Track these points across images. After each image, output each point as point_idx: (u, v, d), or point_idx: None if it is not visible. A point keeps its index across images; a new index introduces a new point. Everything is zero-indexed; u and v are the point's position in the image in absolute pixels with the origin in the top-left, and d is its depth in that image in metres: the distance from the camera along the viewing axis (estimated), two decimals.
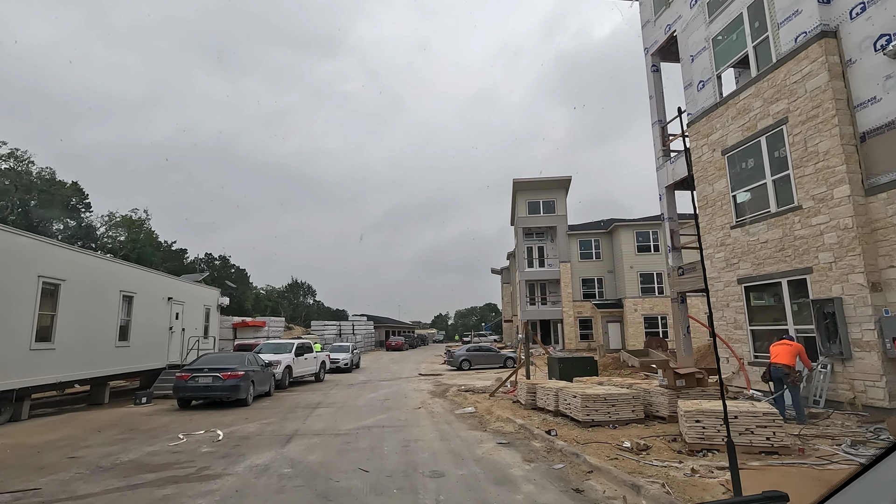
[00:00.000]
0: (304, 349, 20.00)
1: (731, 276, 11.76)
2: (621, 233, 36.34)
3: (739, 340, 11.45)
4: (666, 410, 8.43)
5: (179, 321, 17.25)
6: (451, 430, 9.21)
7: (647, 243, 36.20)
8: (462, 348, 27.84)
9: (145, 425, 10.05)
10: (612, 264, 38.28)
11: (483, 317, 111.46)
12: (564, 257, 38.36)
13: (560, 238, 38.74)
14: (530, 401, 10.79)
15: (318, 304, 64.33)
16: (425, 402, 13.74)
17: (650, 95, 15.62)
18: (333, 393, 16.30)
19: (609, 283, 38.25)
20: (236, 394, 12.30)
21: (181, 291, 17.45)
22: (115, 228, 34.36)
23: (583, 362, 13.13)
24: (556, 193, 39.55)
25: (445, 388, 17.19)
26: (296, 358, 18.94)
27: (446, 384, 19.18)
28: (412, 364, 32.07)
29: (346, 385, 19.31)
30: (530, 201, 39.81)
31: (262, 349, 19.50)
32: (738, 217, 11.64)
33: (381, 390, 17.00)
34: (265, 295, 54.37)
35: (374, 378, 22.36)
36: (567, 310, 37.74)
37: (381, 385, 19.05)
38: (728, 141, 11.87)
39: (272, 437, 8.56)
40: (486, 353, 27.56)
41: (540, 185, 39.17)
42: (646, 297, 35.37)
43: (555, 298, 39.97)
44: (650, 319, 35.19)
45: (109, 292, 13.07)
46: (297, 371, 19.01)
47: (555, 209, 39.39)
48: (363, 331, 48.78)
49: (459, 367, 26.58)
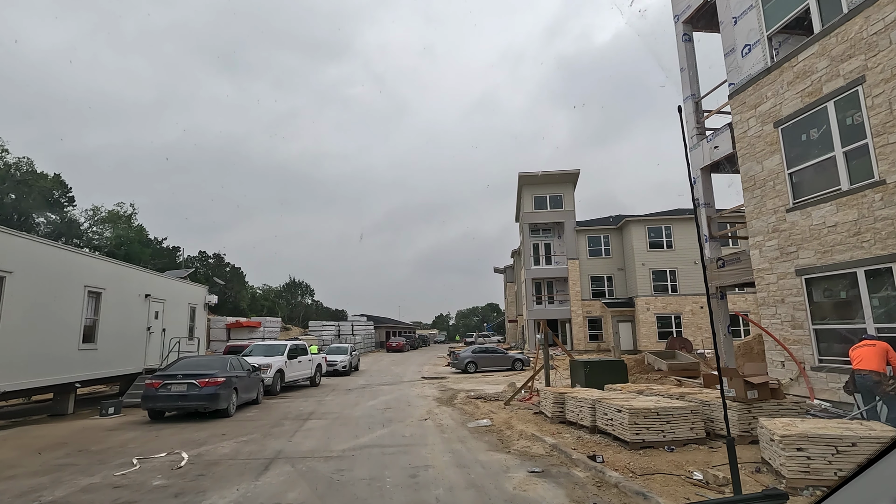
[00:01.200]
0: (298, 351, 18.39)
1: (788, 266, 10.14)
2: (632, 228, 34.72)
3: (799, 341, 9.83)
4: (735, 428, 6.80)
5: (159, 321, 15.64)
6: (467, 451, 7.59)
7: (659, 239, 34.58)
8: (467, 350, 26.23)
9: (99, 444, 8.43)
10: (622, 261, 36.68)
11: (485, 317, 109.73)
12: (572, 254, 36.75)
13: (568, 234, 37.13)
14: (558, 413, 9.17)
15: (317, 304, 62.71)
16: (432, 411, 12.12)
17: (681, 68, 14.00)
18: (329, 400, 14.68)
19: (619, 282, 36.65)
20: (215, 403, 10.68)
21: (161, 288, 15.84)
22: (101, 224, 32.69)
23: (611, 367, 11.51)
24: (564, 188, 37.95)
25: (452, 395, 15.59)
26: (288, 361, 17.34)
27: (453, 389, 17.57)
28: (414, 366, 30.46)
29: (343, 390, 17.70)
30: (536, 196, 38.20)
31: (253, 351, 17.90)
32: (796, 198, 10.03)
33: (382, 396, 15.40)
34: (262, 294, 52.73)
35: (374, 382, 20.75)
36: (576, 309, 36.13)
37: (381, 390, 17.44)
38: (783, 111, 10.25)
39: (247, 463, 6.94)
40: (493, 354, 25.94)
41: (547, 179, 37.56)
42: (659, 295, 33.76)
43: (562, 297, 38.35)
44: (663, 319, 33.57)
45: (70, 287, 11.46)
46: (291, 375, 17.41)
47: (562, 204, 37.78)
48: (363, 331, 47.16)
49: (465, 369, 24.97)
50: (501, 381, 20.40)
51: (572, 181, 37.99)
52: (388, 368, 28.72)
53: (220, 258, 43.94)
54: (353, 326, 45.90)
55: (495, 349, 26.59)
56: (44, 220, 29.37)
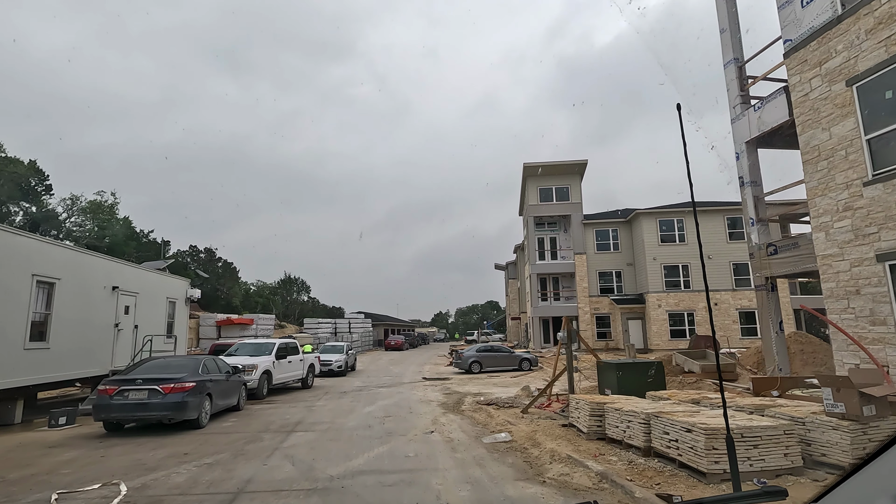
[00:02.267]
0: (288, 350, 16.72)
1: (865, 251, 8.50)
2: (643, 221, 33.11)
3: (881, 340, 8.20)
4: (847, 456, 5.15)
5: (130, 316, 13.94)
6: (490, 480, 5.93)
7: (671, 233, 32.99)
8: (471, 349, 24.59)
9: (24, 468, 6.74)
10: (631, 256, 35.09)
11: (485, 315, 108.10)
12: (579, 249, 35.12)
13: (575, 228, 35.49)
14: (595, 427, 7.52)
15: (314, 301, 60.91)
16: (437, 420, 10.47)
17: (721, 29, 12.34)
18: (320, 406, 13.01)
19: (629, 277, 35.05)
20: (182, 413, 9.00)
21: (133, 280, 14.13)
22: (81, 214, 30.80)
23: (647, 370, 9.86)
24: (571, 179, 36.29)
25: (459, 399, 13.95)
26: (277, 361, 15.67)
27: (458, 392, 15.92)
28: (414, 366, 28.81)
29: (337, 393, 16.04)
30: (542, 188, 36.53)
31: (238, 350, 16.24)
32: (876, 169, 8.38)
33: (380, 401, 13.74)
34: (256, 291, 50.92)
35: (372, 384, 19.09)
36: (583, 306, 34.51)
37: (379, 394, 15.79)
38: (858, 65, 8.60)
39: (200, 502, 5.27)
40: (499, 354, 24.30)
41: (553, 169, 35.89)
42: (671, 291, 32.19)
43: (569, 293, 36.74)
44: (676, 316, 32.01)
45: (13, 276, 9.75)
46: (279, 377, 15.74)
47: (569, 196, 36.14)
48: (360, 329, 45.48)
49: (469, 369, 23.33)
50: (510, 382, 18.76)
51: (579, 172, 36.34)
52: (387, 368, 27.08)
53: (212, 252, 42.12)
54: (350, 324, 44.22)
55: (501, 348, 24.96)
56: (17, 210, 27.52)
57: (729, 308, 31.53)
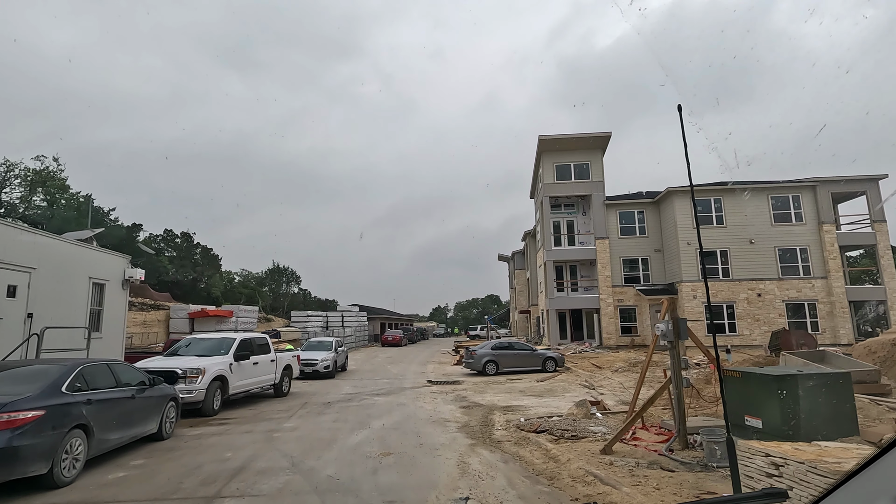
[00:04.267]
0: (254, 348, 12.70)
1: None
2: (675, 201, 29.15)
3: None
4: None
5: (19, 300, 9.83)
6: None
7: (707, 214, 29.06)
8: (485, 346, 20.59)
9: None
10: (659, 241, 31.13)
11: (485, 309, 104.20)
12: (601, 233, 31.14)
13: (596, 209, 31.48)
14: None
15: (305, 293, 56.64)
16: (466, 463, 6.48)
17: None
18: (288, 430, 8.99)
19: (657, 265, 31.12)
20: (8, 467, 4.93)
21: (23, 248, 10.00)
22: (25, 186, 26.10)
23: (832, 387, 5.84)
24: (592, 154, 32.23)
25: (485, 417, 9.97)
26: (237, 363, 11.64)
27: (479, 404, 11.94)
28: (415, 365, 24.82)
29: (318, 406, 12.02)
30: (559, 164, 32.45)
31: (187, 348, 12.19)
32: None
33: (375, 421, 9.73)
34: (241, 281, 46.65)
35: (365, 390, 15.08)
36: (605, 297, 30.59)
37: (374, 406, 11.78)
38: None
39: None
40: (519, 352, 20.34)
41: (572, 143, 31.81)
42: (707, 279, 28.22)
43: (588, 283, 32.80)
44: (713, 308, 28.09)
45: None
46: (239, 383, 11.72)
47: (589, 174, 32.10)
48: (354, 323, 41.45)
49: (483, 370, 19.38)
50: (541, 389, 14.78)
51: (601, 147, 32.27)
52: (384, 368, 23.08)
53: (190, 237, 37.70)
54: (343, 317, 40.16)
55: (522, 345, 20.97)
56: None
57: (774, 300, 27.68)
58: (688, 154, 3.77)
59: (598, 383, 15.74)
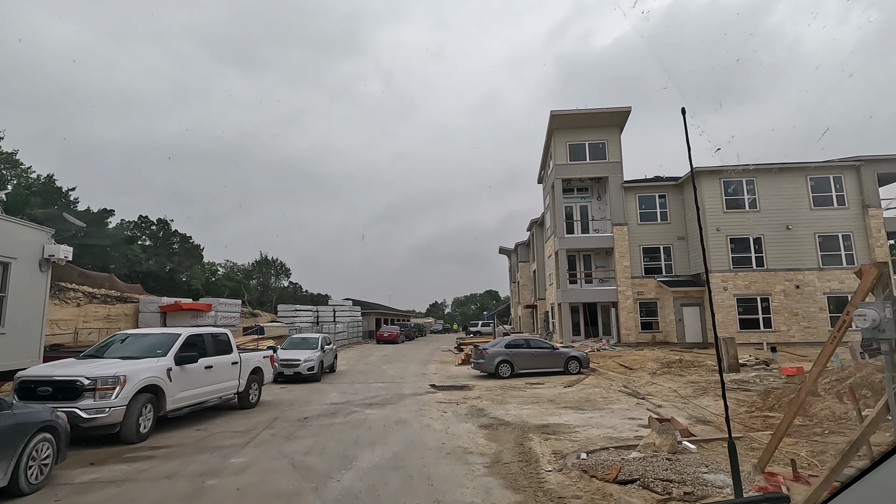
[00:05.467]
0: (207, 347, 9.70)
1: None
2: (703, 184, 26.21)
3: None
4: None
5: None
6: None
7: (738, 197, 26.17)
8: (497, 344, 17.62)
9: None
10: (683, 228, 28.24)
11: (484, 304, 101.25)
12: (619, 219, 28.23)
13: (613, 193, 28.54)
14: None
15: (295, 287, 53.46)
16: None
17: None
18: (233, 470, 5.99)
19: (680, 254, 28.23)
20: None
21: None
22: None
23: None
24: (609, 133, 29.27)
25: (518, 442, 7.01)
26: (178, 368, 8.64)
27: (503, 420, 8.98)
28: (415, 365, 21.86)
29: (290, 424, 9.02)
30: (572, 143, 29.47)
31: (116, 348, 9.14)
32: None
33: (365, 451, 6.74)
34: (225, 274, 43.38)
35: (356, 398, 12.09)
36: (623, 289, 27.71)
37: (365, 423, 8.80)
38: None
39: None
40: (537, 351, 17.40)
41: (587, 119, 28.81)
42: (739, 270, 25.43)
43: (604, 274, 29.92)
44: (746, 302, 25.26)
45: None
46: (183, 395, 8.73)
47: (606, 154, 29.14)
48: (347, 318, 38.42)
49: (496, 372, 16.46)
50: (573, 397, 11.79)
51: (619, 124, 29.30)
52: (379, 369, 20.10)
53: (167, 224, 34.36)
54: (335, 312, 37.14)
55: (540, 342, 17.99)
56: None
57: (814, 292, 24.86)
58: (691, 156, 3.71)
59: (642, 389, 12.83)
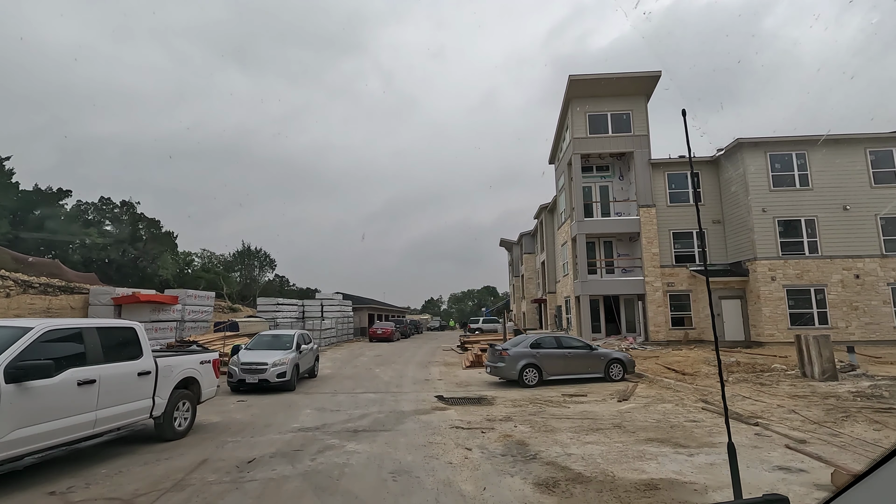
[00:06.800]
0: (89, 350, 5.98)
1: None
2: (746, 157, 22.74)
3: None
4: None
5: None
6: None
7: (788, 173, 22.69)
8: (520, 343, 13.95)
9: None
10: (719, 210, 24.77)
11: (481, 301, 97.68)
12: (646, 200, 24.73)
13: (639, 170, 25.02)
14: None
15: (282, 280, 49.62)
16: None
17: None
18: None
19: (717, 239, 24.76)
20: None
21: None
22: None
23: None
24: (634, 102, 25.71)
25: None
26: (9, 388, 4.90)
27: (571, 471, 5.25)
28: (414, 367, 18.19)
29: (221, 473, 5.29)
30: (593, 114, 25.89)
31: None
32: None
33: None
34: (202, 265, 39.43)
35: (337, 418, 8.33)
36: (652, 279, 24.21)
37: (344, 472, 5.07)
38: None
39: None
40: (571, 352, 13.78)
41: (610, 86, 25.19)
42: (789, 257, 21.99)
43: (627, 263, 26.40)
44: (798, 294, 21.83)
45: None
46: (25, 434, 5.00)
47: (631, 126, 25.59)
48: (336, 313, 34.69)
49: (519, 378, 12.85)
50: (645, 421, 7.97)
51: (646, 92, 25.73)
52: (371, 373, 16.40)
53: (131, 206, 30.31)
54: (322, 306, 33.37)
55: (573, 340, 14.34)
56: None
57: (876, 282, 21.47)
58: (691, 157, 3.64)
59: (733, 405, 9.22)
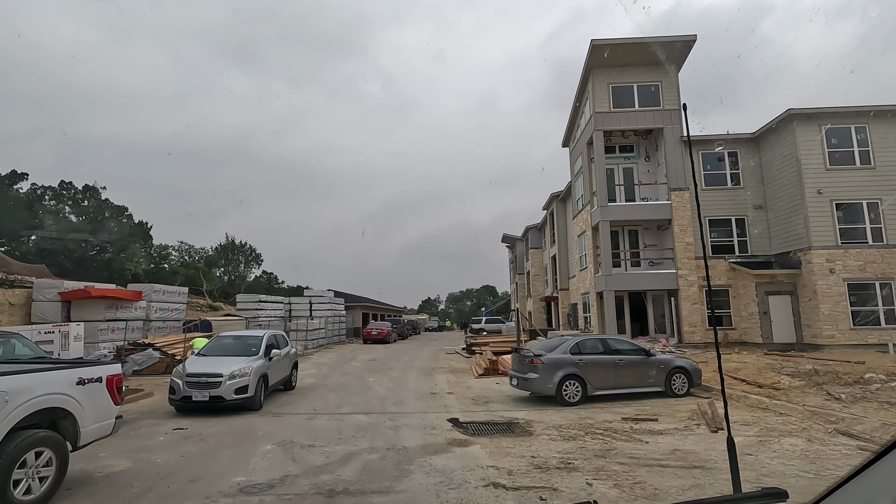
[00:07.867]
0: None
1: None
2: (796, 131, 19.73)
3: None
4: None
5: None
6: None
7: (847, 150, 19.70)
8: (558, 348, 10.74)
9: None
10: (761, 194, 21.77)
11: (480, 300, 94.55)
12: (678, 182, 21.67)
13: (670, 149, 21.94)
14: None
15: (270, 277, 46.32)
16: None
17: None
18: None
19: (760, 226, 21.76)
20: None
21: None
22: None
23: None
24: (663, 72, 22.61)
25: None
26: None
27: None
28: (415, 375, 14.98)
29: None
30: (616, 86, 22.81)
31: None
32: None
33: None
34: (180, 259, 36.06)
35: (308, 463, 5.03)
36: (685, 273, 21.15)
37: None
38: None
39: None
40: (621, 358, 10.61)
41: (637, 53, 22.09)
42: (849, 245, 19.00)
43: (657, 255, 23.33)
44: (860, 288, 18.83)
45: None
46: None
47: (660, 100, 22.52)
48: (327, 312, 31.44)
49: (558, 392, 9.71)
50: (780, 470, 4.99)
51: (676, 60, 22.65)
52: (363, 383, 13.17)
53: (96, 192, 26.92)
54: (311, 304, 30.13)
55: (621, 342, 11.18)
56: None
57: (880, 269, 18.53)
58: (691, 152, 3.58)
59: (856, 428, 6.11)
